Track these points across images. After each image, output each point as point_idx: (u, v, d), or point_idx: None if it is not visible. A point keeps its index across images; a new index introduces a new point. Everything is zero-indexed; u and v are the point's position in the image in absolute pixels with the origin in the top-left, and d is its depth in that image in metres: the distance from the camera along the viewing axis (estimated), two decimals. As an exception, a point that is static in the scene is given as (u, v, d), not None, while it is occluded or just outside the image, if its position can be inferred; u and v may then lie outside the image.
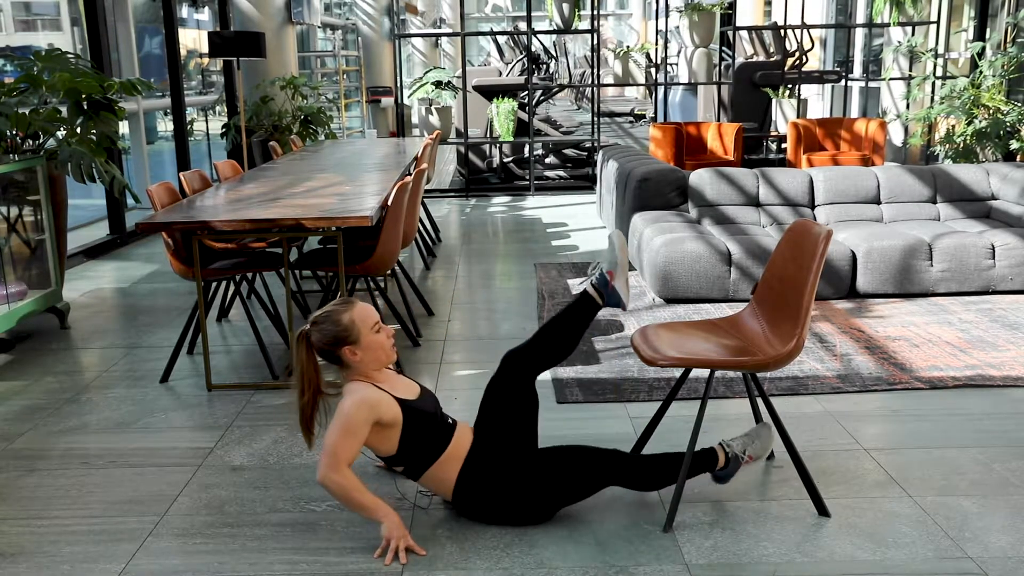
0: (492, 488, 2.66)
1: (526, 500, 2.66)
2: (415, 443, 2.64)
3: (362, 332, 2.62)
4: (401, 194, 4.18)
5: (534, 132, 9.97)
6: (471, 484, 2.66)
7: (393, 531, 2.54)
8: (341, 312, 2.63)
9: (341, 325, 2.61)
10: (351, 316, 2.63)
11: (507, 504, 2.66)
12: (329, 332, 2.61)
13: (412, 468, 2.67)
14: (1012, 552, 2.51)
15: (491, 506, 2.67)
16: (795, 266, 2.75)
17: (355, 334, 2.61)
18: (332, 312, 2.64)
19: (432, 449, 2.65)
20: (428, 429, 2.66)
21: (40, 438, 3.45)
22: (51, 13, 15.30)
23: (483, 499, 2.67)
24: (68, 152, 4.89)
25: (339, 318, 2.62)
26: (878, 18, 9.97)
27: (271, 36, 9.58)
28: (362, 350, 2.63)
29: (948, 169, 5.91)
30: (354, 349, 2.62)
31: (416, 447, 2.64)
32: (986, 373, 3.89)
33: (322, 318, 2.64)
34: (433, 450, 2.65)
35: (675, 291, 5.11)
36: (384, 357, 2.67)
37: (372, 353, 2.64)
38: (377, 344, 2.65)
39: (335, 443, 2.52)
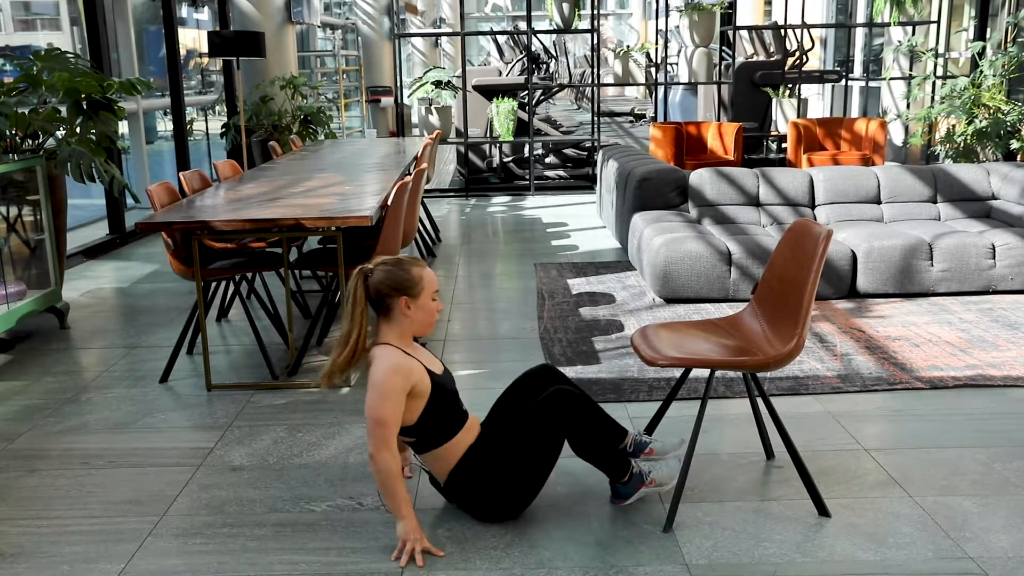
0: (487, 479, 2.66)
1: (516, 491, 2.67)
2: (436, 418, 2.63)
3: (425, 291, 2.61)
4: (401, 194, 4.18)
5: (534, 132, 9.96)
6: (468, 473, 2.66)
7: (410, 533, 2.53)
8: (413, 264, 2.62)
9: (410, 275, 2.59)
10: (421, 272, 2.62)
11: (497, 496, 2.67)
12: (396, 276, 2.58)
13: (422, 442, 2.66)
14: (1012, 552, 2.50)
15: (481, 496, 2.67)
16: (795, 266, 2.75)
17: (418, 289, 2.60)
18: (403, 260, 2.62)
19: (448, 428, 2.65)
20: (449, 407, 2.66)
21: (40, 438, 3.45)
22: (51, 13, 15.29)
23: (476, 488, 2.67)
24: (68, 152, 4.88)
25: (409, 268, 2.61)
26: (878, 18, 9.97)
27: (271, 36, 9.57)
28: (417, 308, 2.61)
29: (948, 169, 5.91)
30: (410, 302, 2.60)
31: (435, 422, 2.63)
32: (986, 373, 3.89)
33: (391, 261, 2.61)
34: (449, 430, 2.65)
35: (675, 291, 5.11)
36: (428, 324, 2.66)
37: (423, 315, 2.62)
38: (430, 309, 2.64)
39: (379, 412, 2.48)
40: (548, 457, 2.67)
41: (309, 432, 3.44)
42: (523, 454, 2.65)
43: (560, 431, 2.64)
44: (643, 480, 2.75)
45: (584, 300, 5.20)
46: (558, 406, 2.63)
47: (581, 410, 2.64)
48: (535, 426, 2.64)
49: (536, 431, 2.64)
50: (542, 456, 2.67)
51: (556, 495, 2.87)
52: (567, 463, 3.07)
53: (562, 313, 4.94)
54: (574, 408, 2.63)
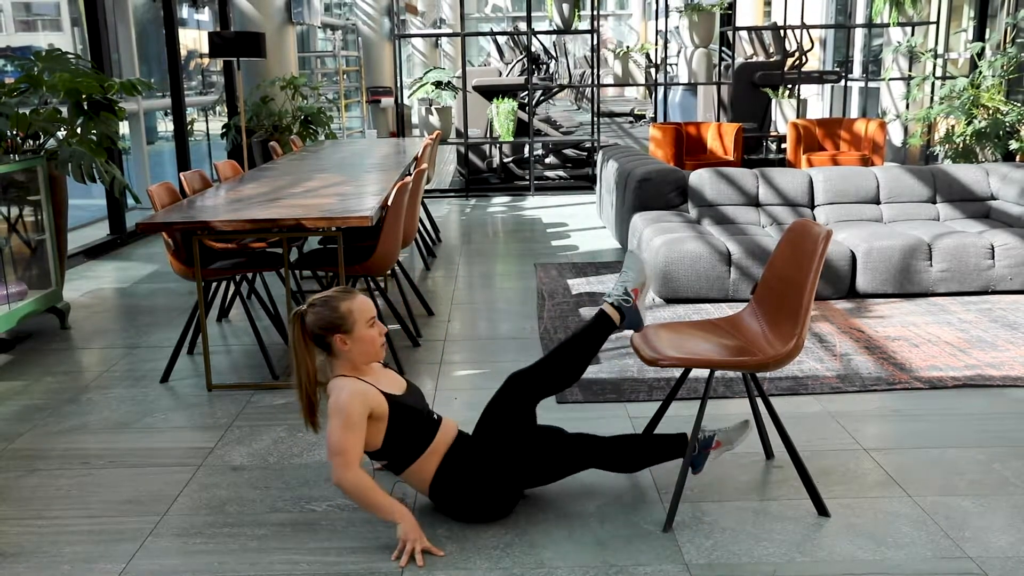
0: (467, 484, 2.67)
1: (498, 487, 2.68)
2: (400, 437, 2.64)
3: (357, 323, 2.61)
4: (401, 194, 4.18)
5: (534, 132, 9.97)
6: (448, 480, 2.67)
7: (410, 532, 2.53)
8: (340, 299, 2.62)
9: (338, 312, 2.60)
10: (350, 305, 2.61)
11: (479, 498, 2.67)
12: (324, 317, 2.60)
13: (395, 463, 2.67)
14: (1012, 552, 2.51)
15: (464, 501, 2.68)
16: (795, 266, 2.75)
17: (349, 324, 2.60)
18: (331, 298, 2.63)
19: (417, 444, 2.66)
20: (413, 424, 2.66)
21: (40, 438, 3.46)
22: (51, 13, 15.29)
23: (457, 495, 2.67)
24: (68, 152, 4.89)
25: (337, 304, 2.61)
26: (878, 18, 9.97)
27: (271, 36, 9.58)
28: (353, 341, 2.61)
29: (948, 169, 5.92)
30: (345, 339, 2.60)
31: (401, 441, 2.64)
32: (986, 373, 3.90)
33: (320, 302, 2.62)
34: (418, 445, 2.66)
35: (675, 291, 5.12)
36: (372, 353, 2.65)
37: (362, 346, 2.62)
38: (369, 338, 2.63)
39: (339, 440, 2.51)
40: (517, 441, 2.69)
41: (309, 432, 3.44)
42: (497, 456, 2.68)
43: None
44: (710, 445, 2.80)
45: (584, 300, 5.20)
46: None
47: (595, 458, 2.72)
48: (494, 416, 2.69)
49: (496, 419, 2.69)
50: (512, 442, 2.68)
51: (556, 495, 2.88)
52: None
53: (562, 313, 4.94)
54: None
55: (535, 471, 2.73)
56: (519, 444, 2.72)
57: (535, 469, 2.72)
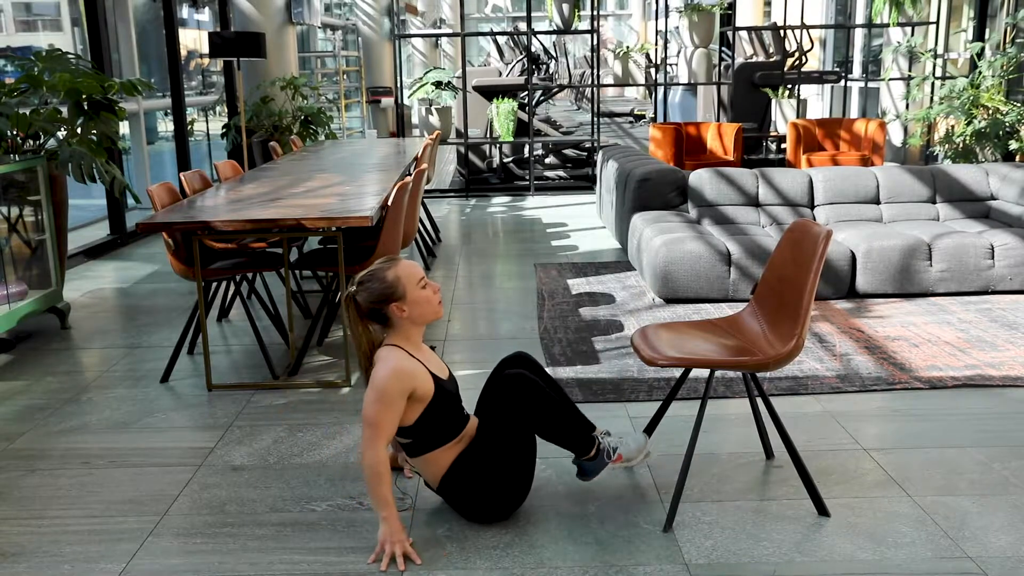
0: (480, 479, 2.66)
1: (508, 491, 2.67)
2: (434, 422, 2.63)
3: (408, 287, 2.61)
4: (401, 194, 4.18)
5: (534, 132, 9.97)
6: (462, 473, 2.66)
7: (390, 535, 2.52)
8: (385, 269, 2.62)
9: (386, 282, 2.60)
10: (396, 272, 2.61)
11: (490, 494, 2.67)
12: (375, 290, 2.60)
13: (418, 445, 2.66)
14: (1012, 552, 2.51)
15: (475, 495, 2.67)
16: (795, 266, 2.75)
17: (401, 290, 2.60)
18: (376, 270, 2.62)
19: (446, 433, 2.65)
20: (449, 412, 2.66)
21: (40, 438, 3.46)
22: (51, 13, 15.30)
23: (470, 488, 2.67)
24: (68, 152, 4.89)
25: (384, 275, 2.61)
26: (877, 18, 9.97)
27: (271, 36, 9.58)
28: (409, 305, 2.61)
29: (947, 169, 5.92)
30: (401, 305, 2.60)
31: (433, 426, 2.63)
32: (985, 373, 3.90)
33: (367, 277, 2.62)
34: (447, 434, 2.65)
35: (675, 291, 5.12)
36: (431, 312, 2.65)
37: (419, 308, 2.62)
38: (424, 299, 2.63)
39: (373, 415, 2.51)
40: (523, 444, 2.67)
41: (309, 432, 3.44)
42: (501, 448, 2.66)
43: (522, 413, 2.63)
44: (610, 456, 2.75)
45: (584, 300, 5.20)
46: (514, 388, 2.63)
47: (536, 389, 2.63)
48: (502, 416, 2.65)
49: (504, 420, 2.65)
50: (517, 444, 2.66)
51: (556, 495, 2.88)
52: (569, 463, 3.08)
53: (562, 313, 4.94)
54: (529, 387, 2.63)
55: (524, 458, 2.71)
56: (530, 442, 2.71)
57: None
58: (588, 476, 2.78)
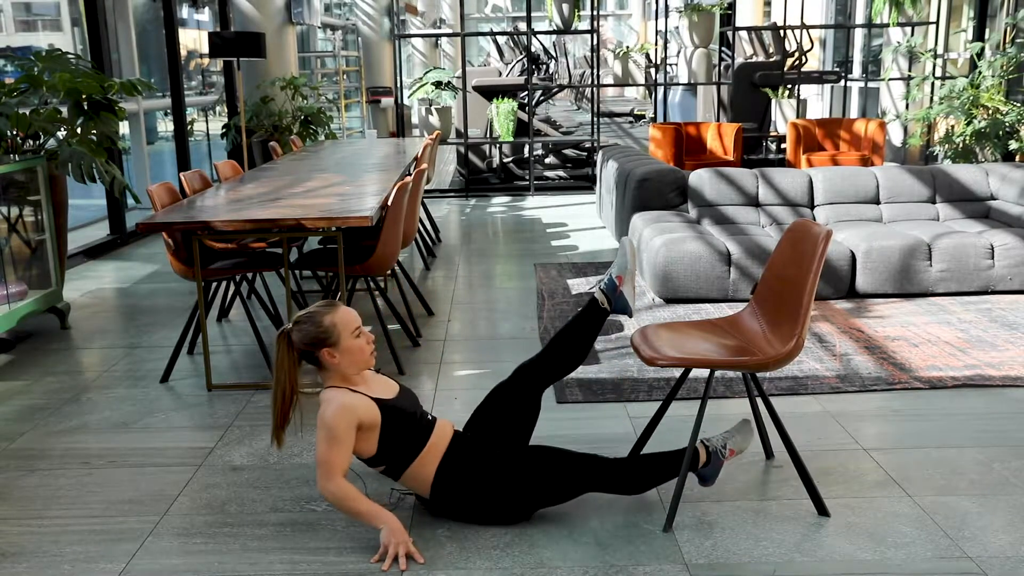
0: (469, 485, 2.66)
1: (503, 499, 2.67)
2: (394, 442, 2.64)
3: (342, 335, 2.62)
4: (401, 194, 4.19)
5: (534, 132, 9.97)
6: (449, 481, 2.66)
7: (391, 536, 2.53)
8: (323, 314, 2.64)
9: (322, 327, 2.61)
10: (332, 319, 2.63)
11: (483, 502, 2.67)
12: (309, 333, 2.62)
13: (392, 467, 2.68)
14: (1012, 552, 2.51)
15: (467, 503, 2.68)
16: (795, 266, 2.75)
17: (335, 337, 2.62)
18: (314, 313, 2.64)
19: (411, 447, 2.66)
20: (406, 428, 2.66)
21: (40, 438, 3.46)
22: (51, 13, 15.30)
23: (460, 496, 2.67)
24: (68, 152, 4.89)
25: (320, 319, 2.62)
26: (877, 18, 9.97)
27: (271, 36, 9.58)
28: (340, 353, 2.63)
29: (947, 169, 5.92)
30: (332, 352, 2.62)
31: (395, 446, 2.65)
32: (985, 373, 3.90)
33: (304, 318, 2.64)
34: (412, 448, 2.66)
35: (675, 291, 5.12)
36: (362, 362, 2.67)
37: (350, 357, 2.64)
38: (356, 348, 2.65)
39: (324, 454, 2.54)
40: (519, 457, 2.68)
41: (309, 432, 3.44)
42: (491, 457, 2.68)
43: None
44: (722, 458, 2.79)
45: (584, 300, 5.20)
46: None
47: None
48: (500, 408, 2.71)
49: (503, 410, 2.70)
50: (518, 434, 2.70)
51: (556, 495, 2.88)
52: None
53: (562, 313, 4.94)
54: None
55: (544, 487, 2.67)
56: (525, 438, 2.72)
57: (543, 485, 2.67)
58: (709, 481, 2.80)
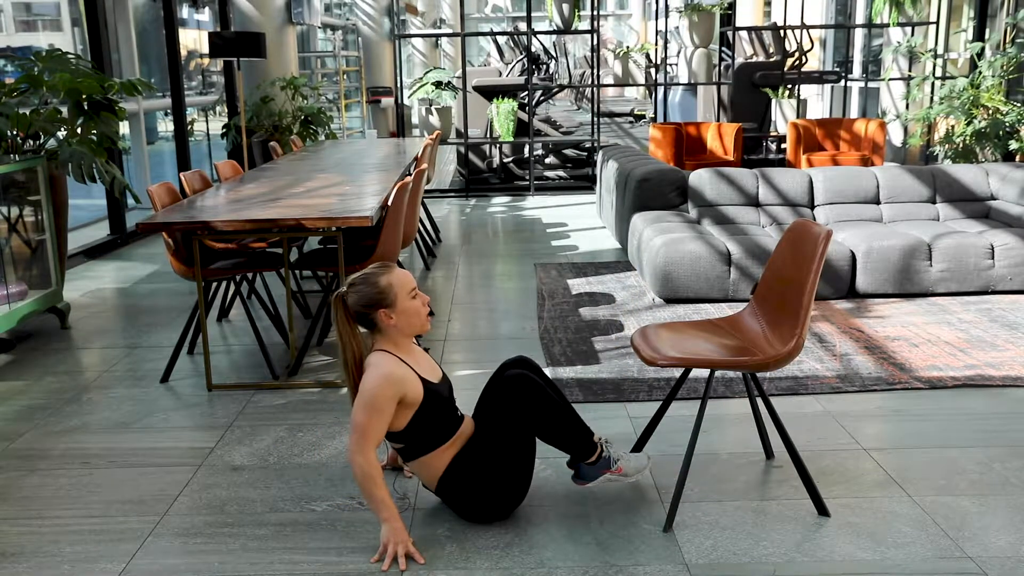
0: (476, 483, 2.66)
1: (507, 488, 2.67)
2: (425, 426, 2.63)
3: (399, 296, 2.62)
4: (401, 194, 4.19)
5: (534, 132, 9.97)
6: (458, 476, 2.66)
7: (392, 535, 2.53)
8: (379, 275, 2.63)
9: (378, 287, 2.61)
10: (388, 279, 2.62)
11: (486, 498, 2.67)
12: (366, 294, 2.61)
13: (411, 449, 2.66)
14: (1012, 552, 2.51)
15: (470, 500, 2.67)
16: (795, 266, 2.75)
17: (391, 297, 2.61)
18: (369, 275, 2.64)
19: (439, 436, 2.65)
20: (441, 415, 2.66)
21: (41, 438, 3.46)
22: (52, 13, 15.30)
23: (464, 492, 2.67)
24: (69, 152, 4.89)
25: (376, 280, 2.62)
26: (878, 18, 9.97)
27: (271, 36, 9.58)
28: (397, 314, 2.62)
29: (947, 169, 5.92)
30: (389, 312, 2.61)
31: (425, 430, 2.63)
32: (985, 373, 3.90)
33: (359, 279, 2.63)
34: (439, 437, 2.65)
35: (675, 291, 5.12)
36: (419, 324, 2.66)
37: (407, 318, 2.63)
38: (413, 310, 2.64)
39: (362, 422, 2.51)
40: (523, 445, 2.67)
41: (309, 432, 3.44)
42: (500, 449, 2.66)
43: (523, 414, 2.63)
44: (610, 466, 2.75)
45: (584, 300, 5.20)
46: (515, 390, 2.63)
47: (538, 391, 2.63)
48: (502, 417, 2.65)
49: (503, 422, 2.65)
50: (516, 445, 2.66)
51: (556, 495, 2.88)
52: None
53: (562, 313, 4.94)
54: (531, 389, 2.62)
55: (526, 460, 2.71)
56: (530, 443, 2.71)
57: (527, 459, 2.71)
58: (585, 481, 2.77)
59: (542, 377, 2.84)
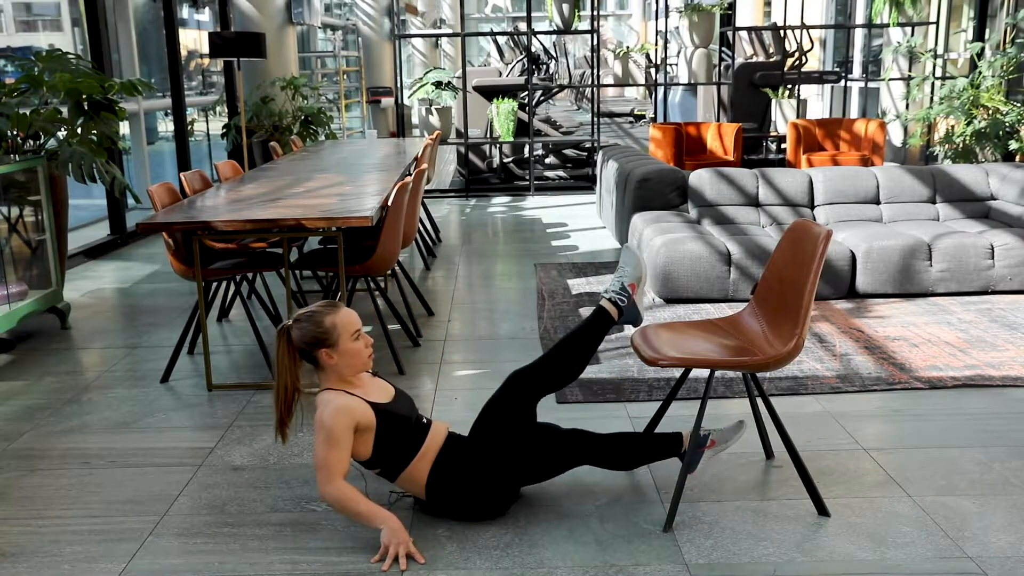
0: (462, 482, 2.67)
1: (494, 484, 2.69)
2: (389, 445, 2.65)
3: (341, 337, 2.62)
4: (401, 194, 4.19)
5: (534, 132, 9.97)
6: (442, 481, 2.67)
7: (393, 536, 2.53)
8: (324, 314, 2.64)
9: (322, 327, 2.61)
10: (333, 320, 2.63)
11: (476, 495, 2.68)
12: (308, 332, 2.62)
13: (387, 470, 2.69)
14: (1012, 552, 2.51)
15: (461, 500, 2.68)
16: (795, 266, 2.75)
17: (334, 338, 2.62)
18: (315, 313, 2.65)
19: (406, 450, 2.67)
20: (401, 431, 2.67)
21: (41, 438, 3.46)
22: (52, 14, 15.31)
23: (453, 494, 2.68)
24: (69, 152, 4.89)
25: (321, 319, 2.62)
26: (877, 18, 9.97)
27: (271, 37, 9.58)
28: (338, 355, 2.63)
29: (947, 169, 5.92)
30: (331, 352, 2.62)
31: (390, 449, 2.65)
32: (985, 373, 3.90)
33: (304, 317, 2.64)
34: (407, 451, 2.67)
35: (675, 291, 5.12)
36: (359, 365, 2.67)
37: (348, 359, 2.64)
38: (355, 351, 2.65)
39: (324, 457, 2.54)
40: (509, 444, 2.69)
41: (309, 432, 3.44)
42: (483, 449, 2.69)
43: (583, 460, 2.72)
44: (704, 443, 2.81)
45: (584, 300, 5.20)
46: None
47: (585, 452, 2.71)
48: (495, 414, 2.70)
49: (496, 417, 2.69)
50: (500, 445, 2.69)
51: (556, 495, 2.88)
52: (567, 463, 3.08)
53: (562, 313, 4.94)
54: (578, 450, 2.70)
55: (531, 468, 2.74)
56: (517, 442, 2.72)
57: (531, 466, 2.73)
58: (692, 468, 2.83)
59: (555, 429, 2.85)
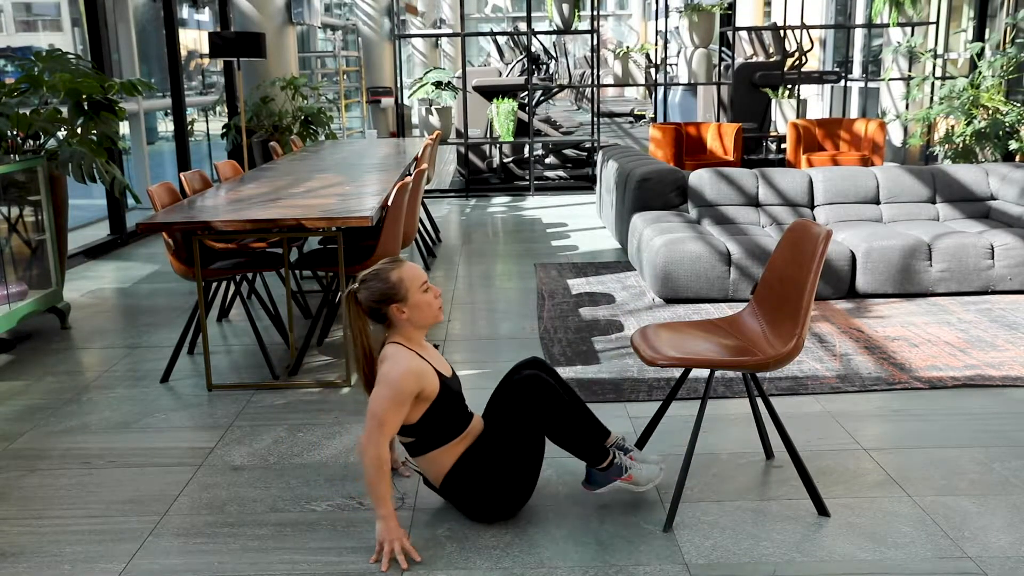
0: (481, 481, 2.66)
1: (513, 488, 2.67)
2: (438, 421, 2.63)
3: (410, 290, 2.62)
4: (401, 194, 4.19)
5: (534, 132, 9.97)
6: (464, 474, 2.66)
7: (387, 533, 2.52)
8: (389, 270, 2.63)
9: (389, 283, 2.61)
10: (399, 274, 2.62)
11: (491, 496, 2.67)
12: (377, 289, 2.61)
13: (420, 443, 2.66)
14: (1012, 552, 2.51)
15: (475, 497, 2.67)
16: (795, 266, 2.75)
17: (403, 291, 2.61)
18: (380, 270, 2.64)
19: (450, 431, 2.65)
20: (454, 410, 2.66)
21: (41, 438, 3.46)
22: (52, 14, 15.31)
23: (469, 490, 2.67)
24: (69, 152, 4.89)
25: (387, 275, 2.62)
26: (877, 18, 9.97)
27: (271, 37, 9.58)
28: (409, 308, 2.62)
29: (947, 169, 5.92)
30: (401, 307, 2.61)
31: (437, 425, 2.63)
32: (985, 373, 3.90)
33: (370, 275, 2.63)
34: (451, 432, 2.65)
35: (675, 291, 5.12)
36: (431, 316, 2.66)
37: (419, 311, 2.63)
38: (425, 303, 2.64)
39: (383, 412, 2.50)
40: (532, 446, 2.67)
41: (309, 432, 3.44)
42: (509, 448, 2.66)
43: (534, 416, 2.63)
44: (621, 473, 2.74)
45: (584, 300, 5.20)
46: (528, 391, 2.63)
47: (551, 393, 2.63)
48: (512, 417, 2.65)
49: (514, 422, 2.65)
50: (526, 445, 2.66)
51: (556, 495, 2.88)
52: (569, 463, 3.08)
53: (562, 313, 4.94)
54: (544, 391, 2.62)
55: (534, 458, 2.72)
56: (539, 444, 2.70)
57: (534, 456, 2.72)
58: (594, 487, 2.77)
59: (556, 379, 2.84)
